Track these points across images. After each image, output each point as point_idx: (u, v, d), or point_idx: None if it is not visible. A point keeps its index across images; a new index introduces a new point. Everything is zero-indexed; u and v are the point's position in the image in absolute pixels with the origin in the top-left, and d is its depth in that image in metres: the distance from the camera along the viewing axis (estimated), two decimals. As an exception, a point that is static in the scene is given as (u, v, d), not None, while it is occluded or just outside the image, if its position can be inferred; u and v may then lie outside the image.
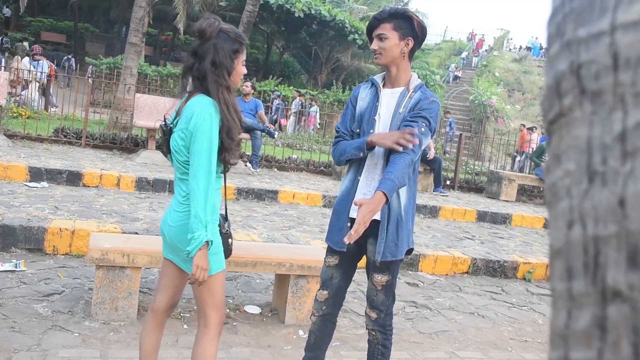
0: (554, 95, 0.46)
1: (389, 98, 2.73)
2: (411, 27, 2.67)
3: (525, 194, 12.09)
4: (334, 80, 27.81)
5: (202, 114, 2.33)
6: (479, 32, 52.37)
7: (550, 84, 0.47)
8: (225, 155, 2.41)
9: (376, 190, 2.49)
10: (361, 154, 2.66)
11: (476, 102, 25.46)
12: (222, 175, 2.53)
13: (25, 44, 29.49)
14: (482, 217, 8.97)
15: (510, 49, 45.98)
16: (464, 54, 42.79)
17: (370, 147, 2.63)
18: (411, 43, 2.68)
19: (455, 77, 36.98)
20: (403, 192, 2.67)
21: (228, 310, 4.15)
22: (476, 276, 6.07)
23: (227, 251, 2.56)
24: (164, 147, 2.54)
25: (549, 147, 0.48)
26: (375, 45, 2.70)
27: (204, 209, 2.29)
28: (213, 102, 2.37)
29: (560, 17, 0.46)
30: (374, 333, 2.81)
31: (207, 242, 2.31)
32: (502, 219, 9.08)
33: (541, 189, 11.95)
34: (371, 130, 2.70)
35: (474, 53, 38.98)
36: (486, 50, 44.55)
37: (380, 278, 2.73)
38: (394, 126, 2.67)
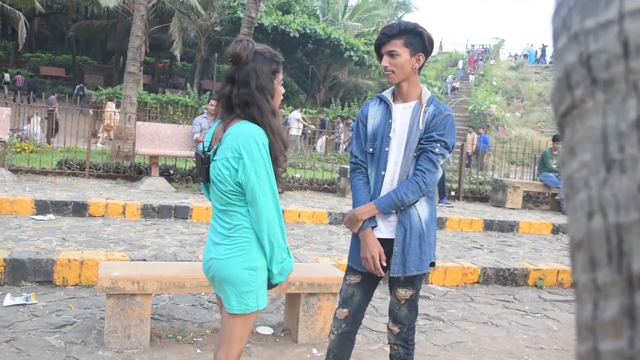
0: (565, 88, 0.46)
1: (402, 113, 2.70)
2: (422, 43, 2.64)
3: (531, 200, 12.06)
4: (332, 98, 27.94)
5: (253, 143, 2.22)
6: (475, 42, 52.62)
7: (560, 77, 0.47)
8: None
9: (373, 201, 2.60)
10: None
11: (475, 111, 25.52)
12: None
13: (7, 75, 30.38)
14: (489, 226, 8.95)
15: (511, 56, 46.16)
16: (460, 64, 43.00)
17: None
18: (422, 59, 2.66)
19: (453, 89, 37.15)
20: (424, 207, 2.68)
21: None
22: (487, 285, 6.03)
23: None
24: (202, 176, 2.39)
25: (562, 140, 0.48)
26: (386, 62, 2.65)
27: (282, 236, 2.28)
28: (259, 128, 2.27)
29: (565, 10, 0.46)
30: (396, 347, 2.79)
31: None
32: (510, 227, 9.05)
33: (546, 195, 11.92)
34: (386, 149, 2.69)
35: (470, 71, 39.02)
36: (482, 60, 44.75)
37: (404, 292, 2.72)
38: (411, 142, 2.65)
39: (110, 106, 16.57)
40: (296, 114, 19.34)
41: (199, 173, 2.44)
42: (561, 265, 6.51)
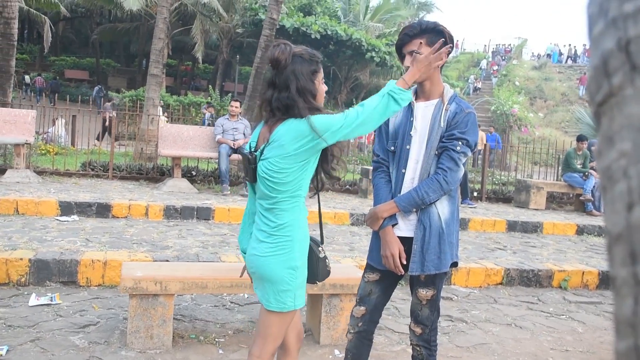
0: (602, 75, 0.44)
1: (423, 111, 2.70)
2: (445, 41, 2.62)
3: (555, 201, 11.90)
4: (354, 99, 27.91)
5: (310, 121, 2.27)
6: (498, 42, 52.29)
7: (597, 64, 0.45)
8: (325, 167, 2.43)
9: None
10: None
11: (498, 112, 25.30)
12: (313, 196, 2.53)
13: (27, 77, 31.26)
14: (512, 226, 8.85)
15: (534, 56, 45.70)
16: (483, 64, 42.65)
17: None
18: (446, 57, 2.63)
19: (475, 89, 36.89)
20: (444, 207, 2.66)
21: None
22: (511, 287, 5.96)
23: (327, 272, 2.56)
24: (249, 176, 2.44)
25: (599, 130, 0.46)
26: (408, 62, 2.63)
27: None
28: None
29: (602, -4, 0.44)
30: (418, 349, 2.77)
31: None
32: (533, 228, 8.94)
33: (571, 195, 11.76)
34: (407, 147, 2.68)
35: (494, 74, 38.62)
36: (504, 59, 44.35)
37: (425, 293, 2.70)
38: (433, 140, 2.64)
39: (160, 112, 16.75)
40: None
41: (245, 173, 2.49)
42: (586, 267, 6.41)
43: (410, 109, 2.73)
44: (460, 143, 2.60)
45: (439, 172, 2.60)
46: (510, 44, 49.00)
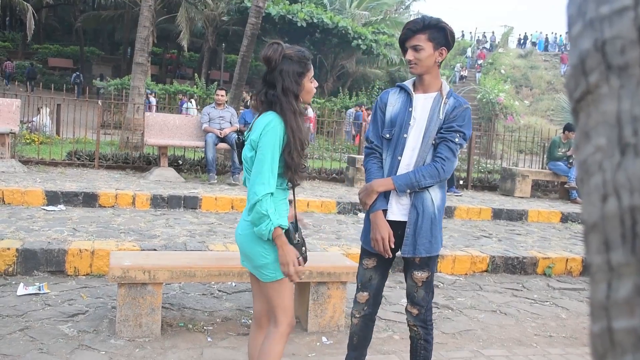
0: (580, 73, 0.47)
1: (423, 102, 2.82)
2: (444, 37, 2.76)
3: (540, 189, 12.02)
4: (340, 88, 27.88)
5: (267, 128, 2.48)
6: (483, 29, 52.44)
7: (575, 63, 0.48)
8: (290, 174, 2.55)
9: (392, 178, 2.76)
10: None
11: (484, 100, 25.40)
12: (289, 189, 2.65)
13: None
14: (497, 214, 8.93)
15: (524, 45, 45.86)
16: (469, 52, 42.69)
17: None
18: (445, 53, 2.79)
19: (462, 77, 36.93)
20: (437, 193, 2.80)
21: (250, 321, 4.17)
22: (496, 274, 6.04)
23: (303, 258, 2.64)
24: (239, 159, 2.74)
25: (576, 125, 0.48)
26: (410, 55, 2.77)
27: (262, 205, 2.43)
28: (279, 118, 2.51)
29: (580, -2, 0.47)
30: (415, 329, 2.90)
31: (279, 228, 2.47)
32: (518, 216, 9.03)
33: (556, 183, 11.88)
34: (404, 135, 2.80)
35: (477, 68, 38.48)
36: (487, 48, 44.38)
37: (420, 275, 2.83)
38: (431, 130, 2.77)
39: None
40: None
41: (237, 157, 2.84)
42: (570, 254, 6.51)
43: (409, 99, 2.84)
44: (458, 135, 2.75)
45: (437, 160, 2.74)
46: (492, 32, 49.07)
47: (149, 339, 3.73)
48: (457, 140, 2.74)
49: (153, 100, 19.19)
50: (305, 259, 2.65)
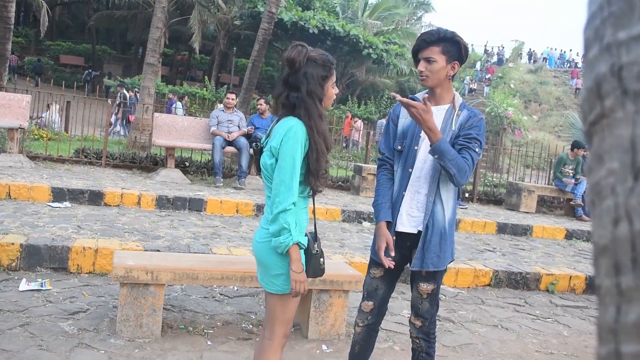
0: (595, 97, 0.47)
1: (434, 115, 2.76)
2: (458, 51, 2.74)
3: (545, 205, 11.99)
4: (349, 96, 27.91)
5: (289, 134, 2.40)
6: (494, 43, 52.52)
7: (590, 86, 0.48)
8: (312, 180, 2.47)
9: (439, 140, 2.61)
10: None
11: (492, 114, 25.38)
12: (309, 197, 2.58)
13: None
14: (502, 229, 8.91)
15: (534, 61, 45.95)
16: (477, 65, 42.71)
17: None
18: (457, 67, 2.77)
19: (471, 90, 36.94)
20: (449, 206, 2.77)
21: (250, 326, 4.17)
22: (498, 288, 6.02)
23: (320, 271, 2.60)
24: (256, 166, 2.63)
25: (590, 147, 0.49)
26: (422, 67, 2.75)
27: (285, 217, 2.36)
28: (302, 124, 2.43)
29: (598, 21, 0.47)
30: (417, 341, 2.89)
31: (297, 245, 2.41)
32: (523, 231, 9.01)
33: (561, 200, 11.84)
34: (415, 147, 2.79)
35: (485, 82, 38.48)
36: (495, 62, 44.39)
37: (426, 287, 2.82)
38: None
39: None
40: None
41: (255, 164, 2.72)
42: (573, 271, 6.48)
43: None
44: (477, 144, 2.72)
45: (465, 160, 2.67)
46: (502, 46, 49.09)
47: (149, 340, 3.73)
48: (477, 149, 2.71)
49: (180, 105, 19.32)
50: (323, 271, 2.61)
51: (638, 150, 0.43)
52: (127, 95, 18.40)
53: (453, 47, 2.72)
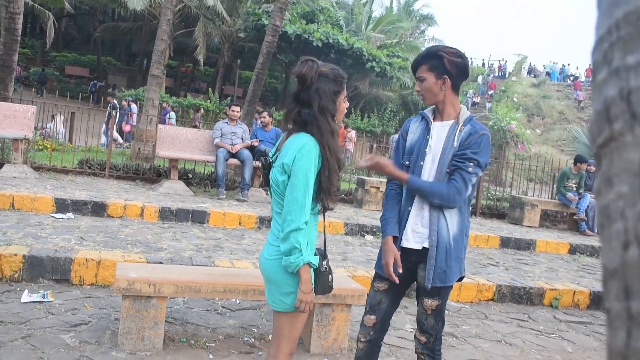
0: (604, 120, 0.47)
1: (439, 131, 2.82)
2: (443, 66, 2.74)
3: (549, 219, 11.96)
4: (353, 109, 27.96)
5: (302, 151, 2.37)
6: (497, 57, 52.75)
7: (599, 109, 0.48)
8: (323, 197, 2.46)
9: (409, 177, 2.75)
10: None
11: (495, 127, 25.41)
12: (319, 214, 2.57)
13: None
14: (505, 243, 8.88)
15: (534, 75, 46.13)
16: (480, 79, 42.84)
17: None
18: (448, 81, 2.76)
19: (474, 103, 37.02)
20: (453, 222, 2.77)
21: (253, 340, 4.15)
22: (502, 303, 5.99)
23: (328, 288, 2.57)
24: (264, 180, 2.61)
25: (599, 170, 0.49)
26: (417, 87, 2.82)
27: (296, 236, 2.34)
28: (315, 141, 2.40)
29: (607, 45, 0.47)
30: (423, 357, 2.88)
31: (308, 264, 2.39)
32: (526, 245, 8.97)
33: (565, 214, 11.81)
34: (421, 163, 2.81)
35: (487, 98, 38.55)
36: (496, 76, 44.51)
37: (431, 303, 2.81)
38: (445, 159, 2.75)
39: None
40: None
41: (263, 178, 2.66)
42: (577, 286, 6.45)
43: (427, 127, 2.85)
44: (472, 164, 2.71)
45: (449, 185, 2.71)
46: (504, 59, 49.25)
47: (151, 353, 3.72)
48: (470, 169, 2.70)
49: (135, 108, 19.38)
50: (331, 288, 2.59)
51: (648, 174, 0.43)
52: (117, 105, 18.45)
53: (439, 62, 2.73)
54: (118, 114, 17.34)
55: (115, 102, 18.85)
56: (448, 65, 2.74)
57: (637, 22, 0.43)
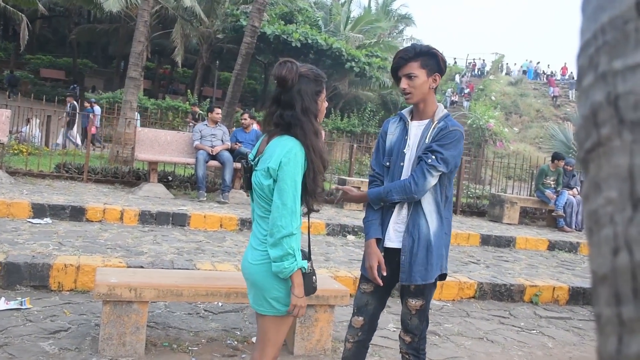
0: (591, 125, 0.47)
1: (416, 130, 2.84)
2: (437, 63, 2.77)
3: (528, 216, 12.08)
4: (332, 109, 27.97)
5: (289, 155, 2.34)
6: (475, 56, 53.21)
7: (586, 114, 0.48)
8: (309, 199, 2.44)
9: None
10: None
11: (474, 126, 25.59)
12: (305, 215, 2.55)
13: None
14: (485, 240, 8.95)
15: (508, 73, 46.59)
16: (457, 78, 43.13)
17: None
18: (438, 79, 2.80)
19: (452, 102, 37.25)
20: (433, 218, 2.78)
21: (236, 343, 4.12)
22: (483, 300, 6.03)
23: (312, 289, 2.53)
24: (245, 184, 2.56)
25: (586, 175, 0.49)
26: (404, 84, 2.77)
27: (289, 242, 2.32)
28: (300, 144, 2.38)
29: (592, 50, 0.47)
30: (407, 357, 2.89)
31: (300, 270, 2.38)
32: (506, 242, 9.05)
33: (543, 211, 11.94)
34: (401, 164, 2.82)
35: (465, 97, 38.72)
36: (477, 74, 44.86)
37: (415, 303, 2.83)
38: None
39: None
40: None
41: (243, 181, 2.63)
42: (557, 282, 6.52)
43: (405, 127, 2.87)
44: (433, 156, 2.71)
45: (408, 178, 2.74)
46: (481, 58, 49.68)
47: (132, 359, 3.68)
48: (429, 161, 2.70)
49: (98, 109, 19.10)
50: (315, 289, 2.56)
51: (636, 180, 0.43)
52: (77, 106, 18.14)
53: (431, 60, 2.75)
54: (78, 115, 17.01)
55: (75, 102, 18.49)
56: (442, 64, 2.79)
57: (623, 26, 0.43)
